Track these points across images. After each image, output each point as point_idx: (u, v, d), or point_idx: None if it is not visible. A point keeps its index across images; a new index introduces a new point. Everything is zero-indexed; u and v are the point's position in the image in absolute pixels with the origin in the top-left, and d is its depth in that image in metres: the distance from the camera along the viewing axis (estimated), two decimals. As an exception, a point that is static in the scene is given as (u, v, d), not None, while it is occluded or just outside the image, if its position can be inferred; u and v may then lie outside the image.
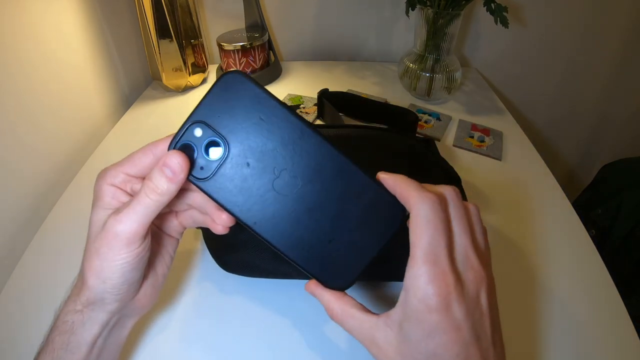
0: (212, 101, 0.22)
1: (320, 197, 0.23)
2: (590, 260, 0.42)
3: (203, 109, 0.23)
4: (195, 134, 0.22)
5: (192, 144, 0.23)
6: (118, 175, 0.24)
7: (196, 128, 0.22)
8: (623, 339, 0.35)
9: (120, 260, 0.23)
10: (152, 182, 0.22)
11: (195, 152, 0.23)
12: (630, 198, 0.68)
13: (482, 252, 0.23)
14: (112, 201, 0.24)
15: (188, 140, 0.23)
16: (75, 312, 0.24)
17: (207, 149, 0.23)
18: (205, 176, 0.23)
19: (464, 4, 0.59)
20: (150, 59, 0.68)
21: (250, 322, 0.36)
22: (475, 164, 0.55)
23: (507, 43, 0.82)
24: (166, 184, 0.22)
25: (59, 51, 0.54)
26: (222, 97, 0.22)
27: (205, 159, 0.23)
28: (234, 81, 0.22)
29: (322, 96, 0.60)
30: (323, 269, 0.24)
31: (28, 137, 0.48)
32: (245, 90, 0.22)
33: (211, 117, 0.22)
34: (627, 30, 0.80)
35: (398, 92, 0.71)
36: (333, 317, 0.24)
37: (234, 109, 0.23)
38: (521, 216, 0.47)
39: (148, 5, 0.61)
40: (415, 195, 0.22)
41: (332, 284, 0.25)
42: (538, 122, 0.95)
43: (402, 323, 0.22)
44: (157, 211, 0.23)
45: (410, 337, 0.21)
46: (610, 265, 0.41)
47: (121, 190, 0.24)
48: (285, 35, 0.82)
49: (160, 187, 0.22)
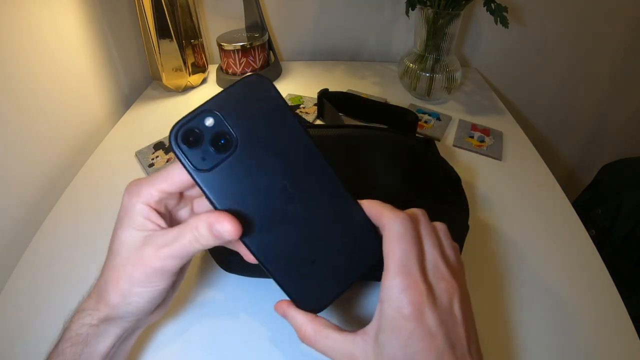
0: (231, 96, 0.22)
1: (311, 217, 0.23)
2: (590, 260, 0.42)
3: (220, 101, 0.22)
4: (206, 122, 0.22)
5: (199, 131, 0.22)
6: (154, 194, 0.23)
7: (208, 117, 0.22)
8: (623, 339, 0.35)
9: (152, 289, 0.24)
10: (198, 232, 0.22)
11: (201, 140, 0.22)
12: (630, 198, 0.68)
13: (452, 265, 0.24)
14: (145, 222, 0.23)
15: (196, 126, 0.22)
16: (90, 326, 0.25)
17: (213, 141, 0.22)
18: (204, 168, 0.22)
19: (464, 4, 0.59)
20: (150, 59, 0.68)
21: (250, 322, 0.36)
22: (475, 164, 0.55)
23: (507, 43, 0.82)
24: (212, 241, 0.22)
25: (58, 51, 0.54)
26: (243, 96, 0.22)
27: (209, 150, 0.22)
28: (259, 85, 0.22)
29: (322, 96, 0.60)
30: (300, 288, 0.24)
31: (28, 138, 0.48)
32: (267, 97, 0.22)
33: (227, 111, 0.22)
34: (627, 30, 0.80)
35: (398, 92, 0.71)
36: (305, 339, 0.24)
37: (251, 111, 0.22)
38: (521, 216, 0.47)
39: (148, 5, 0.61)
40: (387, 214, 0.23)
41: (306, 305, 0.24)
42: (538, 122, 0.95)
43: (379, 335, 0.22)
44: (193, 254, 0.23)
45: (387, 348, 0.22)
46: (610, 265, 0.41)
47: (155, 212, 0.24)
48: (285, 35, 0.82)
49: (204, 242, 0.22)
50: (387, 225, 0.23)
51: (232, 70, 0.72)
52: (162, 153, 0.56)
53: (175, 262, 0.23)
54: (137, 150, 0.56)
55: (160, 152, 0.56)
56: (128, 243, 0.23)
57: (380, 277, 0.22)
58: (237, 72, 0.72)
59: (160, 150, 0.56)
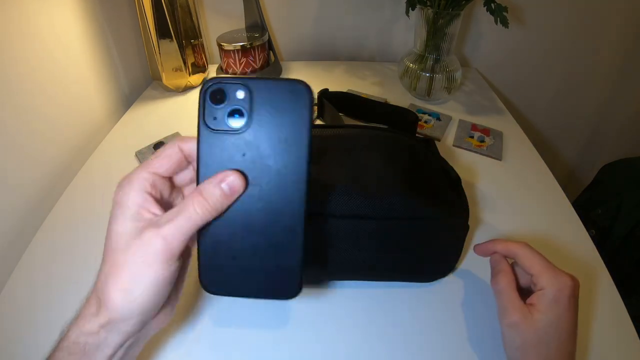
0: (273, 88, 0.22)
1: (259, 223, 0.23)
2: (590, 260, 0.42)
3: (261, 86, 0.22)
4: (237, 94, 0.22)
5: (226, 94, 0.22)
6: (147, 178, 0.23)
7: (241, 89, 0.22)
8: (623, 339, 0.35)
9: (155, 277, 0.21)
10: (203, 196, 0.22)
11: (223, 102, 0.22)
12: (630, 198, 0.68)
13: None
14: (141, 211, 0.22)
15: (229, 90, 0.22)
16: (89, 334, 0.22)
17: (232, 111, 0.22)
18: (210, 125, 0.23)
19: (464, 4, 0.59)
20: (150, 59, 0.68)
21: (250, 321, 0.36)
22: (475, 164, 0.55)
23: (507, 43, 0.82)
24: (220, 200, 0.22)
25: (58, 51, 0.54)
26: (282, 95, 0.22)
27: (224, 116, 0.22)
28: (301, 95, 0.22)
29: (322, 96, 0.60)
30: (210, 268, 0.24)
31: (27, 138, 0.48)
32: (301, 109, 0.22)
33: (259, 97, 0.22)
34: (627, 30, 0.80)
35: (398, 92, 0.71)
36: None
37: (278, 111, 0.22)
38: (521, 216, 0.47)
39: (148, 5, 0.61)
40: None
41: (204, 280, 0.24)
42: (538, 122, 0.95)
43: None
44: (198, 228, 0.22)
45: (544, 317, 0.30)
46: (610, 265, 0.41)
47: (152, 198, 0.23)
48: (285, 35, 0.82)
49: (212, 203, 0.22)
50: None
51: (232, 70, 0.72)
52: (162, 153, 0.56)
53: (179, 238, 0.21)
54: (137, 150, 0.56)
55: (160, 152, 0.56)
56: (126, 235, 0.22)
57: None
58: (237, 72, 0.72)
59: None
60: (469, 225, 0.37)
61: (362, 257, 0.36)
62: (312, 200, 0.34)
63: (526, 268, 0.32)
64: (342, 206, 0.33)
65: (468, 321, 0.36)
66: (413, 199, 0.34)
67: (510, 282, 0.32)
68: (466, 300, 0.38)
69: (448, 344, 0.35)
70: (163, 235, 0.21)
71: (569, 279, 0.30)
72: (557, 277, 0.30)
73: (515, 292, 0.32)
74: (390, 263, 0.37)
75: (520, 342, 0.30)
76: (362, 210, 0.33)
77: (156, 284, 0.22)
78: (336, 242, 0.35)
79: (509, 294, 0.32)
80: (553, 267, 0.31)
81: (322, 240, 0.35)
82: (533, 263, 0.31)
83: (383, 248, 0.35)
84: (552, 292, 0.29)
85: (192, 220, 0.22)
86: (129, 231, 0.22)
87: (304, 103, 0.22)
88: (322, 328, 0.36)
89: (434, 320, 0.36)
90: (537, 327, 0.29)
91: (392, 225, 0.34)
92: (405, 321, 0.36)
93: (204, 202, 0.22)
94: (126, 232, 0.22)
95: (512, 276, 0.33)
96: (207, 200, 0.22)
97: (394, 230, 0.34)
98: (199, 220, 0.22)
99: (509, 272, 0.33)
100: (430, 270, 0.39)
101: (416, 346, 0.34)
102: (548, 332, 0.29)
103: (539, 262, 0.31)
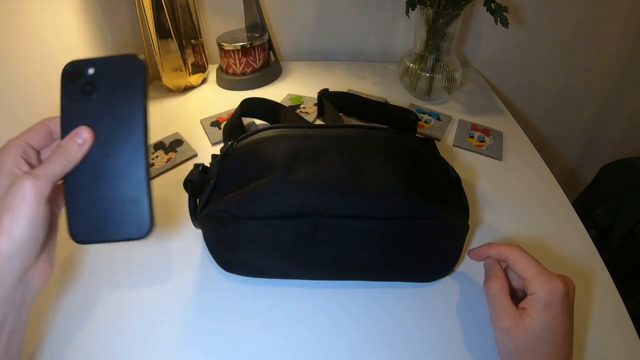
0: (114, 63, 0.28)
1: (106, 168, 0.28)
2: (590, 260, 0.42)
3: (105, 62, 0.28)
4: (88, 70, 0.27)
5: (81, 73, 0.27)
6: (20, 144, 0.27)
7: (92, 68, 0.27)
8: (623, 339, 0.35)
9: (31, 216, 0.25)
10: (63, 148, 0.26)
11: (77, 78, 0.27)
12: (630, 198, 0.68)
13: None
14: (13, 168, 0.26)
15: (81, 68, 0.27)
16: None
17: (83, 84, 0.27)
18: (68, 98, 0.28)
19: (464, 4, 0.59)
20: (150, 59, 0.68)
21: (250, 321, 0.36)
22: (475, 164, 0.55)
23: (508, 43, 0.82)
24: (75, 150, 0.26)
25: (58, 52, 0.54)
26: (121, 65, 0.28)
27: (77, 89, 0.27)
28: (135, 63, 0.27)
29: (322, 96, 0.60)
30: (77, 220, 0.28)
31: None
32: (136, 75, 0.28)
33: (103, 72, 0.28)
34: (627, 30, 0.80)
35: (398, 92, 0.71)
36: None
37: (119, 80, 0.28)
38: (521, 216, 0.47)
39: (148, 5, 0.61)
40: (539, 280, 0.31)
41: (74, 234, 0.27)
42: (538, 122, 0.95)
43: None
44: (62, 175, 0.26)
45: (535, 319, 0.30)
46: (610, 265, 0.41)
47: (22, 159, 0.27)
48: (285, 35, 0.82)
49: (71, 153, 0.26)
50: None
51: (232, 70, 0.72)
52: (162, 153, 0.56)
53: (47, 180, 0.25)
54: (137, 150, 0.56)
55: (161, 152, 0.56)
56: (2, 187, 0.25)
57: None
58: (237, 72, 0.72)
59: (160, 150, 0.56)
60: (469, 225, 0.37)
61: (362, 257, 0.36)
62: (312, 200, 0.34)
63: (518, 272, 0.32)
64: (342, 206, 0.33)
65: (468, 321, 0.36)
66: (413, 199, 0.34)
67: (503, 286, 0.32)
68: (466, 300, 0.38)
69: (448, 343, 0.35)
70: (34, 174, 0.25)
71: (561, 284, 0.30)
72: (549, 282, 0.30)
73: (508, 297, 0.32)
74: (390, 263, 0.37)
75: (512, 347, 0.30)
76: (362, 210, 0.33)
77: (31, 221, 0.25)
78: (336, 242, 0.35)
79: (500, 299, 0.32)
80: (545, 271, 0.31)
81: (322, 241, 0.35)
82: (525, 267, 0.31)
83: (383, 248, 0.35)
84: (544, 297, 0.29)
85: (58, 165, 0.26)
86: (4, 184, 0.25)
87: (140, 73, 0.28)
88: (322, 328, 0.36)
89: (433, 320, 0.36)
90: (529, 333, 0.29)
91: (392, 225, 0.34)
92: (405, 321, 0.36)
93: (65, 152, 0.26)
94: (3, 185, 0.25)
95: (505, 281, 0.33)
96: (67, 150, 0.26)
97: (394, 230, 0.34)
98: (62, 166, 0.26)
99: (502, 276, 0.33)
100: (430, 270, 0.39)
101: (416, 346, 0.34)
102: (540, 337, 0.29)
103: (531, 266, 0.31)
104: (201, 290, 0.39)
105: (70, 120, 0.27)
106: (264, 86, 0.74)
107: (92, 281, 0.40)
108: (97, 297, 0.38)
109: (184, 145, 0.57)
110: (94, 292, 0.39)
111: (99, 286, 0.39)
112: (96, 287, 0.39)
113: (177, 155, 0.55)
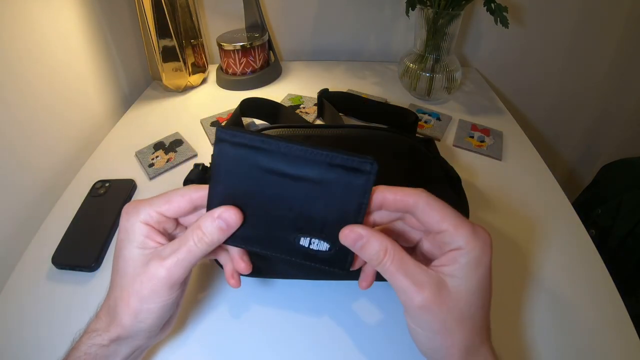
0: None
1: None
2: (590, 260, 0.42)
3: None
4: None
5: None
6: (153, 215, 0.25)
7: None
8: (623, 339, 0.35)
9: (161, 303, 0.24)
10: (202, 231, 0.23)
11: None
12: (630, 198, 0.68)
13: None
14: (146, 240, 0.24)
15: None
16: (100, 346, 0.25)
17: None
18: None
19: (464, 4, 0.59)
20: (150, 59, 0.68)
21: (250, 321, 0.36)
22: (475, 164, 0.55)
23: (507, 43, 0.82)
24: (217, 236, 0.23)
25: (58, 52, 0.54)
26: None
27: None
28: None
29: (322, 96, 0.60)
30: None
31: (27, 138, 0.48)
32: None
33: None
34: (626, 30, 0.80)
35: (398, 92, 0.71)
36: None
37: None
38: (521, 216, 0.47)
39: (148, 5, 0.61)
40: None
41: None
42: (538, 122, 0.95)
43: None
44: (201, 258, 0.24)
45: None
46: (610, 265, 0.41)
47: (155, 230, 0.25)
48: (285, 35, 0.82)
49: (210, 238, 0.23)
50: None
51: (232, 70, 0.72)
52: (162, 153, 0.56)
53: (181, 269, 0.24)
54: (137, 150, 0.56)
55: (161, 152, 0.56)
56: (133, 261, 0.24)
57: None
58: (237, 72, 0.72)
59: (160, 150, 0.56)
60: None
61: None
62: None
63: (432, 223, 0.24)
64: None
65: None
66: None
67: (397, 248, 0.24)
68: (466, 300, 0.38)
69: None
70: (167, 267, 0.23)
71: (487, 235, 0.24)
72: (477, 233, 0.23)
73: (412, 260, 0.24)
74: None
75: (438, 325, 0.23)
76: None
77: (161, 309, 0.25)
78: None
79: (406, 269, 0.23)
80: (467, 221, 0.24)
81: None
82: (442, 216, 0.24)
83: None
84: (473, 252, 0.23)
85: (192, 253, 0.24)
86: (136, 257, 0.24)
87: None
88: (323, 328, 0.36)
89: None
90: (458, 299, 0.23)
91: (392, 225, 0.34)
92: (404, 321, 0.36)
93: (203, 236, 0.23)
94: (133, 258, 0.24)
95: (397, 244, 0.24)
96: (207, 236, 0.23)
97: (394, 230, 0.34)
98: (198, 252, 0.24)
99: (392, 241, 0.24)
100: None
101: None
102: (472, 302, 0.23)
103: (450, 215, 0.24)
104: (201, 290, 0.39)
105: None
106: (264, 86, 0.74)
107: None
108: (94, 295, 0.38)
109: (184, 145, 0.57)
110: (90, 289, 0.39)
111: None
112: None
113: (177, 155, 0.55)
